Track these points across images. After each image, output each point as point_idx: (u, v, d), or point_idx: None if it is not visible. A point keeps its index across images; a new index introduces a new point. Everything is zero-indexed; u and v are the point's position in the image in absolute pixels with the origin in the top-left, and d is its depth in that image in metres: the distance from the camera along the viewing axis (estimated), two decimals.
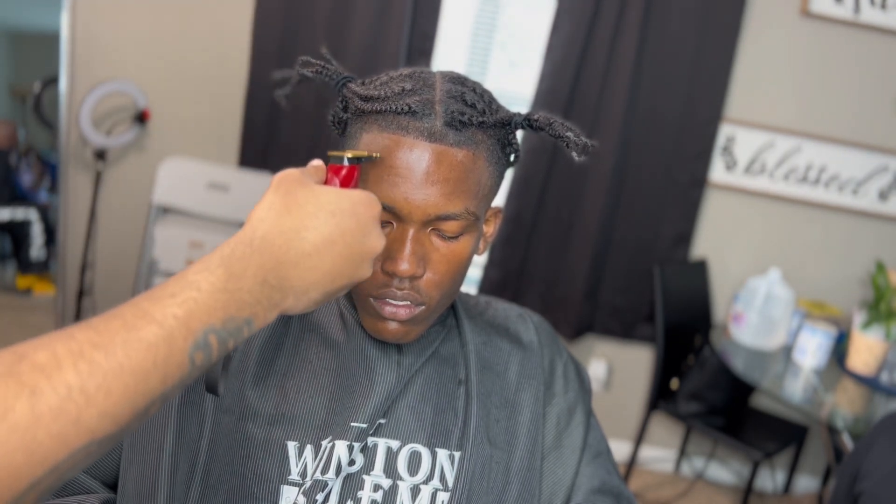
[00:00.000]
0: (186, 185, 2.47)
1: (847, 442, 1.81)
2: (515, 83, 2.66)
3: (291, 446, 0.72)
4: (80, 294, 2.60)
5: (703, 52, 2.42)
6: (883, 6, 2.41)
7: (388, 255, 0.68)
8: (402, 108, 0.66)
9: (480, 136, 0.68)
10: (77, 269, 2.62)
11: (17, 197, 3.35)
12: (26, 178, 3.38)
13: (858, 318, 2.15)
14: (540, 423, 0.80)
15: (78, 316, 2.62)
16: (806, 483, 2.81)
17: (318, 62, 0.72)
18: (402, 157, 0.66)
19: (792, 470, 2.73)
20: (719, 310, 2.68)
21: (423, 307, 0.71)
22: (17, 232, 3.34)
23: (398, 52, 2.36)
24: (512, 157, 0.76)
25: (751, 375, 2.10)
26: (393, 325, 0.72)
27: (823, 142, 2.53)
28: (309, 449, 0.72)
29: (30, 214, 3.29)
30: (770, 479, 2.78)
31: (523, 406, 0.80)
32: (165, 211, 2.51)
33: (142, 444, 0.72)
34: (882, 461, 1.05)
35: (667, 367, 2.41)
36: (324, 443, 0.71)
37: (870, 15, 2.41)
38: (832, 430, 2.02)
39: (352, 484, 0.71)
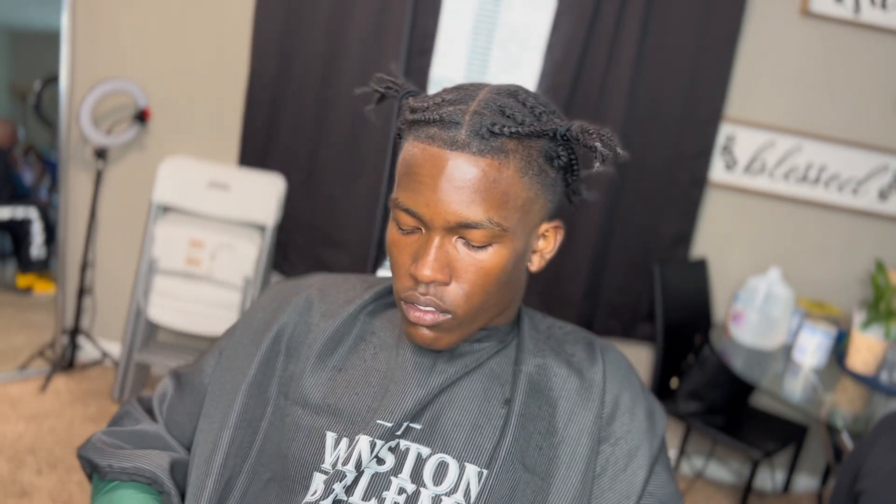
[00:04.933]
0: (187, 183, 2.47)
1: (846, 441, 1.81)
2: (515, 82, 2.66)
3: (330, 437, 0.76)
4: (81, 293, 2.60)
5: (703, 51, 2.42)
6: (883, 6, 2.41)
7: (414, 260, 0.70)
8: (432, 118, 0.68)
9: (512, 146, 0.68)
10: (77, 268, 2.63)
11: (18, 195, 3.35)
12: (28, 176, 3.38)
13: (858, 317, 2.15)
14: (589, 458, 0.76)
15: (78, 314, 2.62)
16: (805, 482, 2.81)
17: (389, 78, 0.78)
18: (425, 164, 0.68)
19: (791, 469, 2.73)
20: (719, 309, 2.68)
21: (450, 316, 0.71)
22: (18, 231, 3.34)
23: (398, 51, 2.36)
24: (567, 172, 0.75)
25: (750, 375, 2.10)
26: (421, 331, 0.73)
27: (823, 141, 2.53)
28: (344, 442, 0.75)
29: (30, 213, 3.29)
30: (770, 478, 2.78)
31: (570, 437, 0.76)
32: (166, 210, 2.51)
33: (211, 415, 0.81)
34: (883, 460, 1.06)
35: (666, 367, 2.41)
36: (355, 437, 0.74)
37: (870, 15, 2.41)
38: (832, 430, 2.02)
39: (379, 483, 0.73)
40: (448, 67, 2.64)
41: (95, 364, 2.71)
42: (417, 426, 0.75)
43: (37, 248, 3.34)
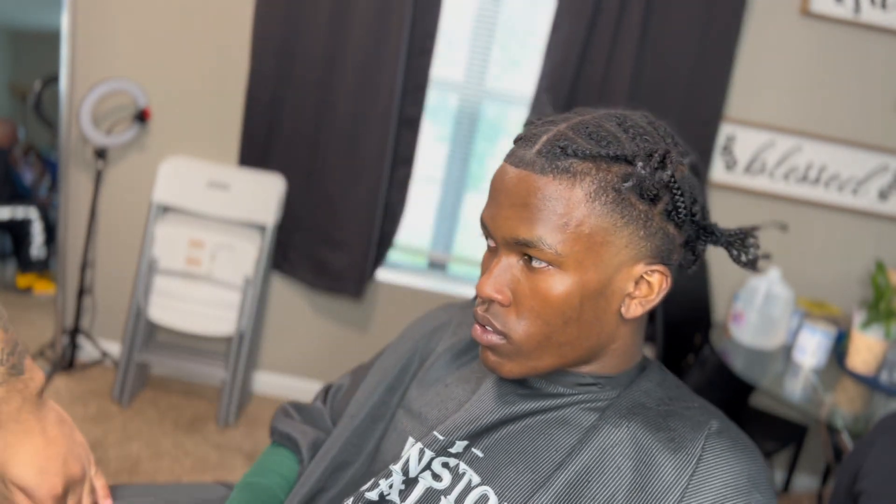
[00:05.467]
0: (187, 183, 2.47)
1: (846, 441, 1.81)
2: (515, 82, 2.66)
3: (409, 441, 0.80)
4: (81, 293, 2.60)
5: (703, 51, 2.42)
6: (883, 6, 2.41)
7: (481, 275, 0.71)
8: (519, 136, 0.70)
9: (584, 168, 0.65)
10: (77, 268, 2.63)
11: (18, 195, 3.35)
12: (28, 176, 3.38)
13: (858, 317, 2.15)
14: None
15: (78, 314, 2.62)
16: (805, 482, 2.81)
17: (549, 106, 0.78)
18: (495, 179, 0.69)
19: (791, 469, 2.73)
20: (719, 309, 2.68)
21: (505, 341, 0.70)
22: (18, 231, 3.34)
23: (398, 51, 2.36)
24: (663, 205, 0.66)
25: (750, 375, 2.10)
26: (486, 352, 0.72)
27: (823, 141, 2.53)
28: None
29: (30, 213, 3.29)
30: None
31: None
32: (165, 210, 2.51)
33: (351, 406, 0.89)
34: (883, 461, 1.05)
35: (666, 366, 2.40)
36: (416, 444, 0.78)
37: (870, 15, 2.41)
38: (831, 430, 2.02)
39: (430, 498, 0.75)
40: (448, 67, 2.64)
41: (95, 364, 2.71)
42: (479, 453, 0.74)
43: (37, 248, 3.34)
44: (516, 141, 0.70)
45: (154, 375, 2.74)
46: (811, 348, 2.17)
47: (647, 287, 0.69)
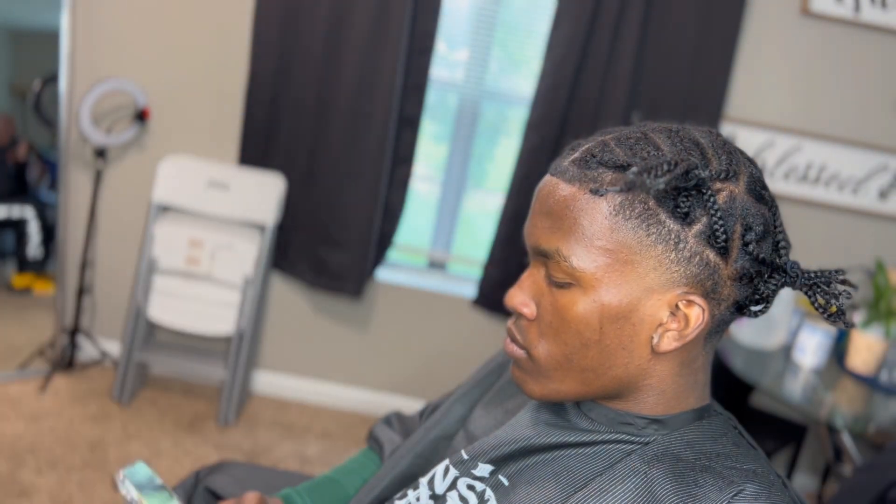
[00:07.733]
0: (186, 183, 2.47)
1: (846, 441, 1.81)
2: (515, 82, 2.66)
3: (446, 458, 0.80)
4: (80, 292, 2.60)
5: (703, 50, 2.42)
6: (883, 6, 2.41)
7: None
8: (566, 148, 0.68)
9: (613, 179, 0.60)
10: (77, 268, 2.62)
11: (16, 193, 3.33)
12: (32, 173, 3.37)
13: (858, 317, 2.15)
14: None
15: (78, 314, 2.62)
16: (805, 482, 2.81)
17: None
18: (537, 187, 0.67)
19: (791, 469, 2.73)
20: None
21: (526, 356, 0.67)
22: (17, 229, 3.33)
23: (398, 50, 2.36)
24: (700, 227, 0.60)
25: (750, 375, 2.09)
26: (513, 367, 0.70)
27: (823, 141, 2.53)
28: None
29: (26, 212, 3.27)
30: None
31: None
32: (165, 209, 2.51)
33: (430, 420, 0.89)
34: None
35: None
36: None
37: (870, 14, 2.41)
38: (831, 430, 2.02)
39: None
40: (448, 67, 2.64)
41: (95, 364, 2.71)
42: (505, 481, 0.70)
43: (33, 248, 3.33)
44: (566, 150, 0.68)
45: (154, 375, 2.74)
46: (811, 348, 2.17)
47: (684, 319, 0.62)
